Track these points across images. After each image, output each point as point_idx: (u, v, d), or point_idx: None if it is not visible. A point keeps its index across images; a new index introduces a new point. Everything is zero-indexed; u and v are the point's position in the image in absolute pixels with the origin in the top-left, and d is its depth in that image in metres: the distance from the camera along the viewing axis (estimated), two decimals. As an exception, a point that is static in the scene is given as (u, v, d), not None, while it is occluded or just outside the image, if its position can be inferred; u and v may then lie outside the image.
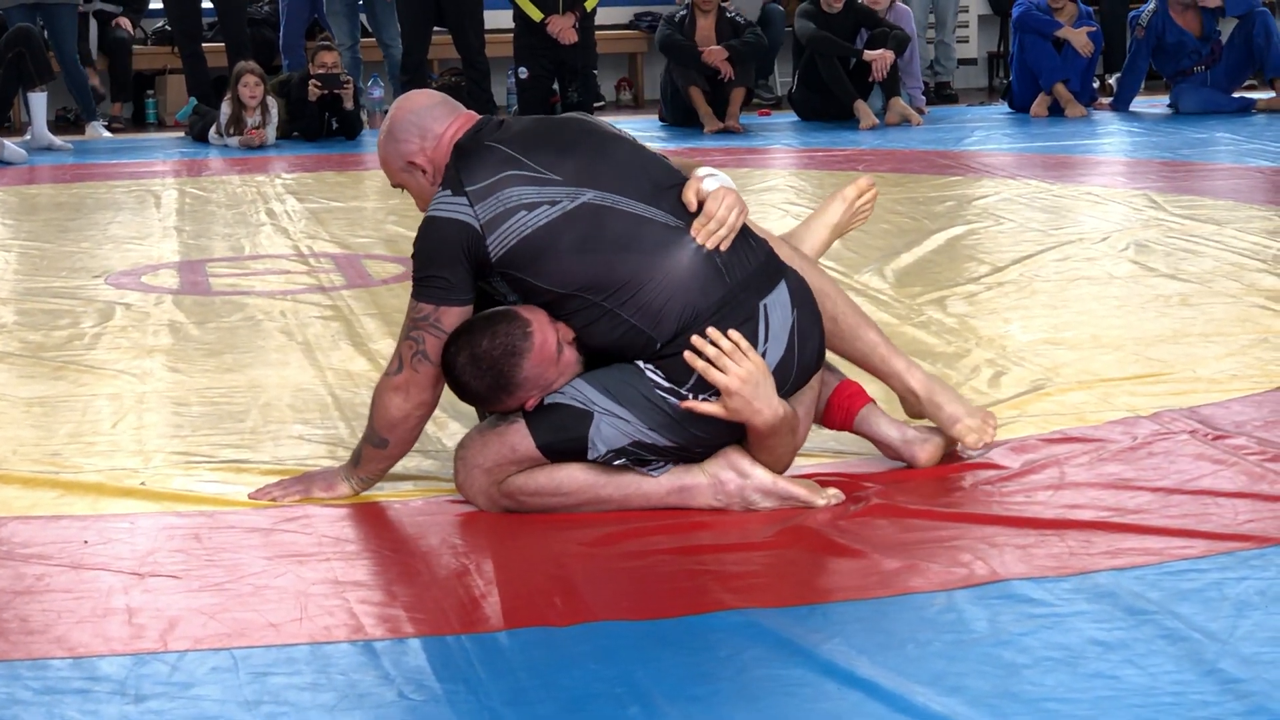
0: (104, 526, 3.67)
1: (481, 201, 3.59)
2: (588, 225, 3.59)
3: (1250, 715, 2.57)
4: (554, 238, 3.57)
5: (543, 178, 3.62)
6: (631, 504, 3.64)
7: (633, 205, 3.63)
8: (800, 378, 3.73)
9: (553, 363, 3.60)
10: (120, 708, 2.73)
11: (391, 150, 3.80)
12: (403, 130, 3.78)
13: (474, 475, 3.66)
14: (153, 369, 5.19)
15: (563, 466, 3.63)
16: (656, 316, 3.58)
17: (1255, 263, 6.40)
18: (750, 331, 3.61)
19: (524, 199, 3.59)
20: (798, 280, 3.74)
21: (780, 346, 3.65)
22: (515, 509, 3.65)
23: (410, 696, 2.75)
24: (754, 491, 3.64)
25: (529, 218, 3.58)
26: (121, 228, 8.48)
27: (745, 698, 2.71)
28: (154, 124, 15.08)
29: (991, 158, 10.41)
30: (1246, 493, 3.65)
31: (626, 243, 3.59)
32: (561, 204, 3.59)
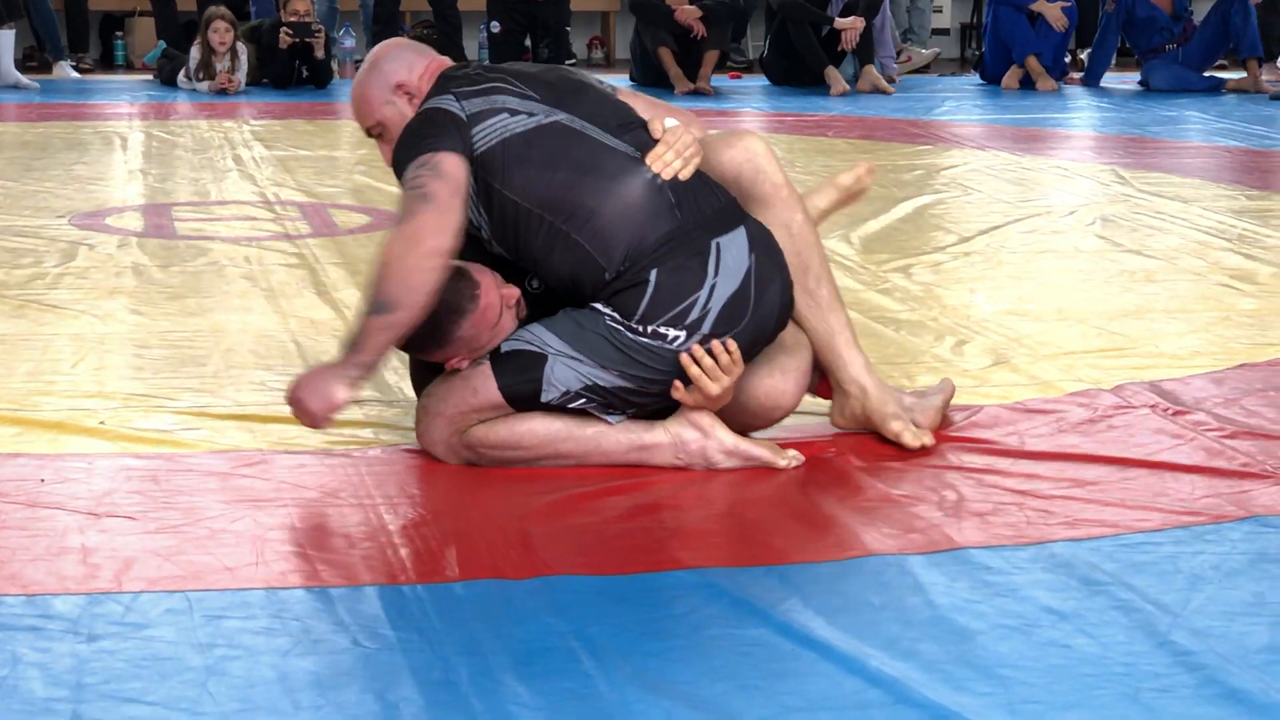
0: (61, 465, 3.65)
1: (469, 99, 3.65)
2: (558, 142, 3.63)
3: (1200, 687, 2.58)
4: (528, 147, 3.61)
5: (524, 93, 3.69)
6: (591, 460, 3.63)
7: (598, 133, 3.67)
8: (758, 325, 3.66)
9: (489, 327, 3.61)
10: (73, 646, 2.72)
11: (376, 79, 3.76)
12: (389, 60, 3.78)
13: (436, 424, 3.66)
14: (115, 310, 5.17)
15: (524, 419, 3.62)
16: (607, 244, 3.59)
17: (1220, 241, 6.41)
18: (699, 265, 3.59)
19: (508, 104, 3.66)
20: (760, 229, 3.71)
21: (731, 284, 3.61)
22: (475, 461, 3.65)
23: (364, 644, 2.75)
24: (716, 451, 3.63)
25: (510, 121, 3.63)
26: (87, 169, 8.44)
27: (699, 655, 2.72)
28: (122, 66, 15.00)
29: (962, 128, 10.41)
30: (1204, 468, 3.66)
31: (589, 166, 3.62)
32: (538, 117, 3.65)
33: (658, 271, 3.58)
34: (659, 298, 3.58)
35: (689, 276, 3.59)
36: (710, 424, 3.64)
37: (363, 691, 2.58)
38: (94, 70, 14.43)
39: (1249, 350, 4.73)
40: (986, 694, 2.56)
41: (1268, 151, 9.42)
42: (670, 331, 3.59)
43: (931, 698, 2.54)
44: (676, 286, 3.59)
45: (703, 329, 3.59)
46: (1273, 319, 5.14)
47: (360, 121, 3.83)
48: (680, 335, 3.59)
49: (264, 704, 2.52)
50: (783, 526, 3.34)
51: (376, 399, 4.17)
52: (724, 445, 3.64)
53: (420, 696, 2.55)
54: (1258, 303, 5.37)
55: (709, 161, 3.76)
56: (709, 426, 3.64)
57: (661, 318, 3.59)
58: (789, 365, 3.79)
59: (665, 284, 3.58)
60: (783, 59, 13.17)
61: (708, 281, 3.60)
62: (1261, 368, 4.52)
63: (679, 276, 3.59)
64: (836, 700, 2.55)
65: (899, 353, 4.69)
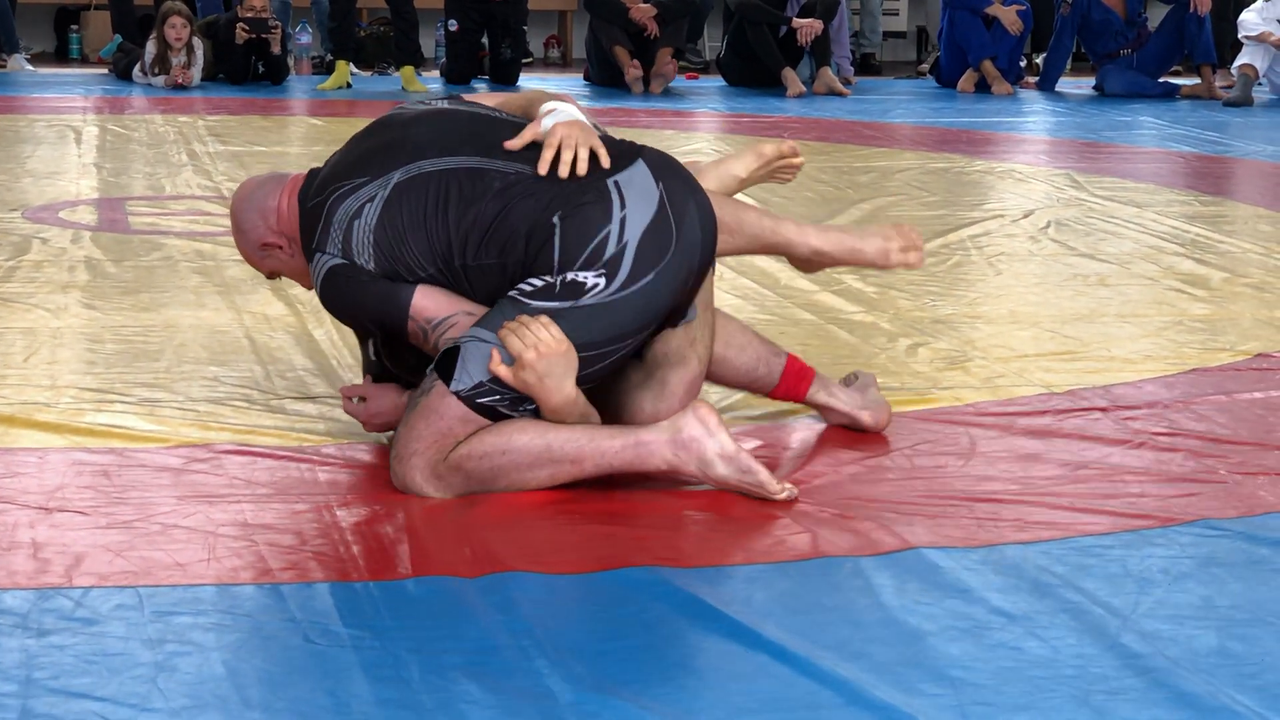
0: (12, 460, 3.64)
1: (330, 242, 3.55)
2: (403, 199, 3.52)
3: (1149, 690, 2.59)
4: (391, 225, 3.51)
5: (355, 185, 3.57)
6: (585, 458, 3.44)
7: (445, 162, 3.54)
8: (686, 255, 3.50)
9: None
10: (22, 641, 2.71)
11: (245, 243, 3.75)
12: (245, 220, 3.72)
13: (414, 464, 3.46)
14: (67, 305, 5.15)
15: (507, 424, 3.45)
16: (509, 244, 3.46)
17: (1173, 246, 6.44)
18: (599, 203, 3.47)
19: (350, 211, 3.54)
20: (658, 155, 3.59)
21: (645, 214, 3.48)
22: (470, 487, 3.45)
23: (315, 640, 2.74)
24: (714, 453, 3.43)
25: (360, 223, 3.52)
26: (40, 162, 8.41)
27: (651, 655, 2.72)
28: (77, 59, 14.94)
29: (917, 131, 10.44)
30: (1154, 471, 3.68)
31: (449, 201, 3.50)
32: (378, 195, 3.53)
33: (560, 213, 3.45)
34: (568, 241, 3.43)
35: (593, 213, 3.45)
36: (716, 424, 3.44)
37: (314, 688, 2.57)
38: (48, 63, 14.35)
39: (1200, 355, 4.75)
40: (937, 695, 2.57)
41: (1221, 157, 9.47)
42: (588, 278, 3.43)
43: (882, 699, 2.55)
44: (582, 225, 3.44)
45: (623, 268, 3.43)
46: (1224, 324, 5.17)
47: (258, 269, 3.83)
48: (600, 281, 3.43)
49: (214, 700, 2.52)
50: (734, 528, 3.34)
51: (331, 395, 4.17)
52: (725, 449, 3.42)
53: (371, 693, 2.55)
54: (1210, 308, 5.40)
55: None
56: (715, 426, 3.44)
57: (576, 261, 3.43)
58: (667, 388, 3.62)
59: (570, 226, 3.44)
60: (740, 60, 13.20)
61: (615, 214, 3.46)
62: (1213, 372, 4.55)
63: (584, 216, 3.45)
64: (787, 701, 2.55)
65: (852, 354, 4.70)
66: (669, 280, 3.49)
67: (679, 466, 3.44)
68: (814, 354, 4.47)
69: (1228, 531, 3.33)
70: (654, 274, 3.47)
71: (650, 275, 3.47)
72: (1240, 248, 6.46)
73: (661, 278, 3.48)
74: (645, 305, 3.48)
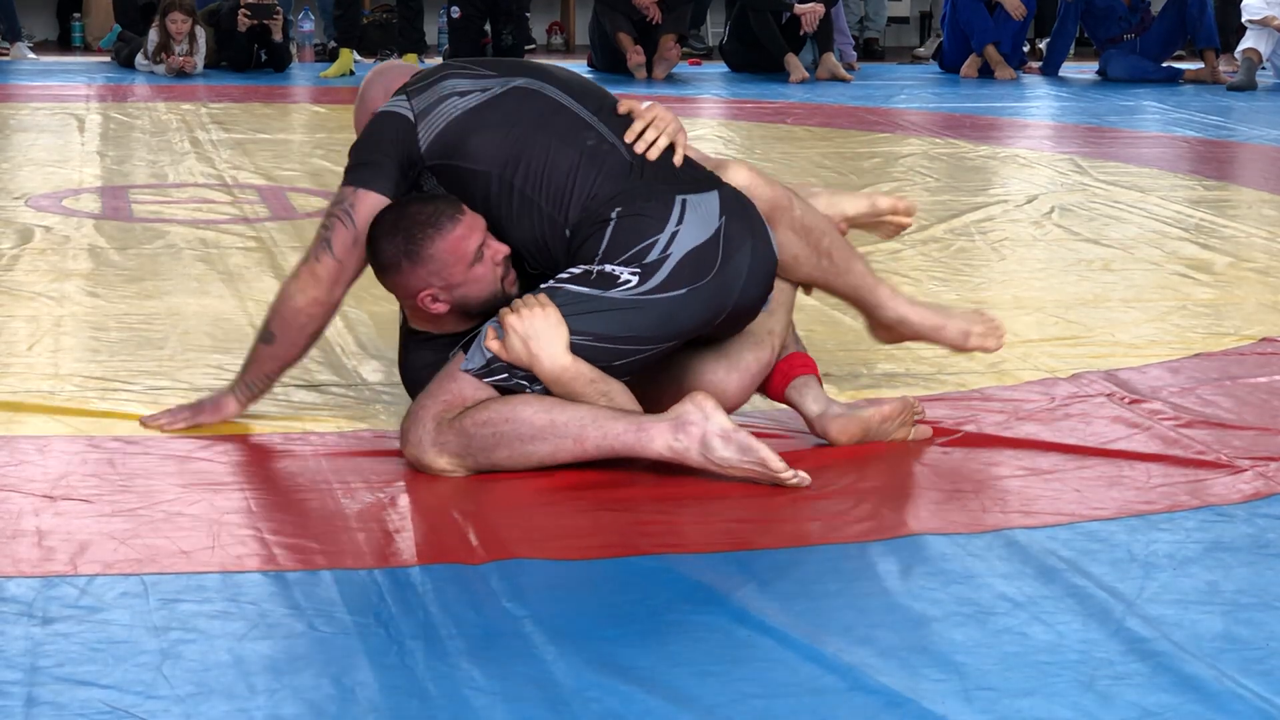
0: (16, 448, 3.64)
1: (419, 95, 3.69)
2: (512, 104, 3.67)
3: (1154, 675, 2.59)
4: (481, 115, 3.65)
5: (480, 74, 3.73)
6: (587, 438, 3.45)
7: (561, 96, 3.70)
8: (722, 286, 3.55)
9: (463, 261, 3.54)
10: (27, 629, 2.71)
11: (360, 111, 3.88)
12: (369, 89, 3.90)
13: (420, 421, 3.48)
14: (71, 293, 5.15)
15: (514, 398, 3.49)
16: (561, 198, 3.56)
17: (1177, 231, 6.44)
18: (659, 214, 3.53)
19: (458, 88, 3.69)
20: (735, 195, 3.64)
21: (697, 236, 3.53)
22: (471, 452, 3.46)
23: (320, 628, 2.74)
24: (715, 436, 3.41)
25: (460, 102, 3.66)
26: (43, 150, 8.40)
27: (656, 641, 2.72)
28: (79, 47, 14.93)
29: (920, 116, 10.43)
30: (1159, 456, 3.67)
31: (543, 122, 3.64)
32: (492, 89, 3.69)
33: (619, 211, 3.54)
34: (618, 237, 3.51)
35: (649, 221, 3.53)
36: (712, 407, 3.45)
37: (318, 675, 2.57)
38: (51, 51, 14.34)
39: (1205, 339, 4.75)
40: (941, 681, 2.57)
41: (1225, 142, 9.46)
42: (623, 273, 3.50)
43: (887, 684, 2.55)
44: (636, 226, 3.52)
45: (659, 274, 3.49)
46: (1229, 308, 5.16)
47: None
48: (632, 279, 3.49)
49: (219, 688, 2.52)
50: (739, 513, 3.34)
51: (335, 382, 4.17)
52: (723, 428, 3.41)
53: (376, 680, 2.55)
54: (1214, 292, 5.39)
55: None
56: (711, 410, 3.44)
57: (618, 257, 3.50)
58: (741, 361, 3.70)
59: (624, 224, 3.53)
60: (742, 46, 13.18)
61: (669, 227, 3.52)
62: (1217, 357, 4.54)
63: (639, 219, 3.53)
64: (792, 686, 2.55)
65: (857, 340, 4.69)
66: (698, 304, 3.54)
67: (681, 452, 3.44)
68: (819, 340, 4.46)
69: (1233, 516, 3.33)
70: (686, 290, 3.52)
71: (682, 290, 3.52)
72: (1244, 232, 6.45)
73: (692, 297, 3.52)
74: (668, 317, 3.52)
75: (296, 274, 3.71)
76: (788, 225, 3.75)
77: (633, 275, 3.50)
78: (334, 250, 3.65)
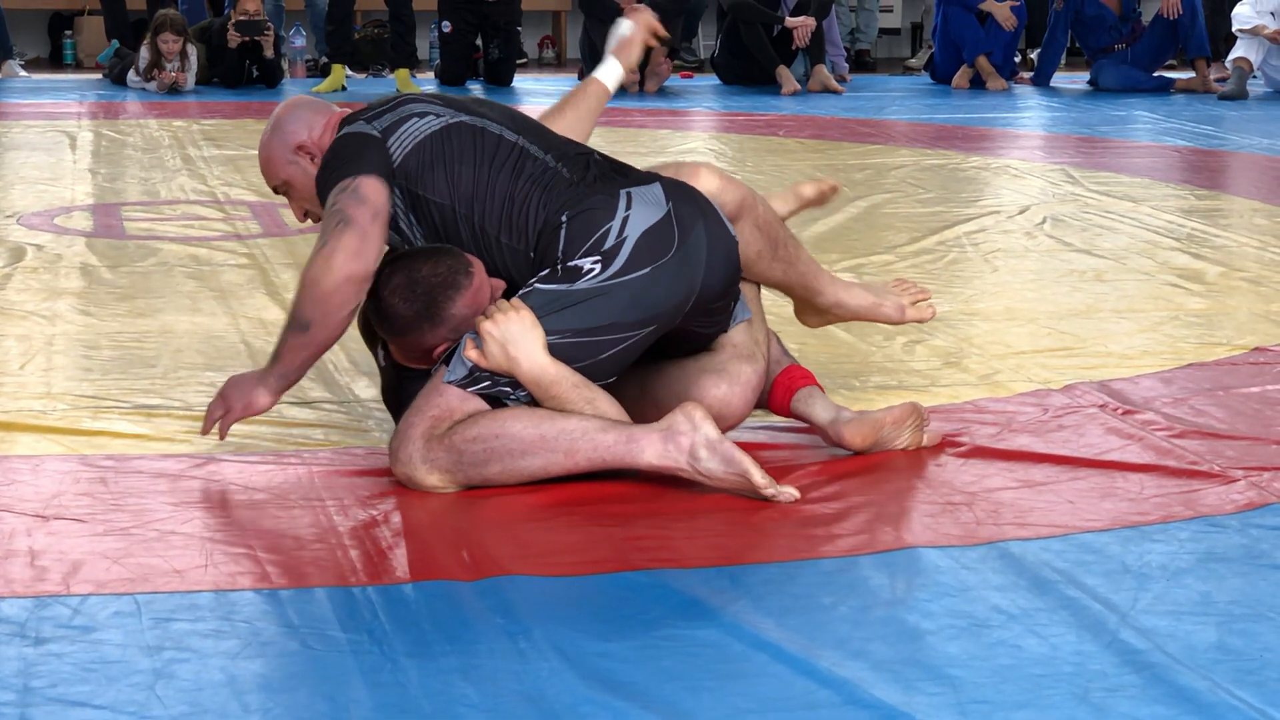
0: (9, 467, 3.63)
1: (378, 119, 3.71)
2: (460, 136, 3.69)
3: (1148, 687, 2.59)
4: (442, 144, 3.67)
5: (428, 106, 3.76)
6: (578, 451, 3.46)
7: (497, 128, 3.73)
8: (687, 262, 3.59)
9: (480, 310, 3.58)
10: (19, 649, 2.70)
11: (278, 140, 3.81)
12: (289, 120, 3.81)
13: (410, 439, 3.49)
14: (63, 311, 5.15)
15: (503, 412, 3.51)
16: (523, 231, 3.61)
17: (1169, 241, 6.44)
18: (606, 205, 3.60)
19: (414, 110, 3.72)
20: (676, 184, 3.71)
21: (648, 217, 3.58)
22: (463, 468, 3.46)
23: (313, 646, 2.74)
24: (702, 446, 3.42)
25: (419, 124, 3.69)
26: (35, 168, 8.40)
27: (650, 657, 2.71)
28: (71, 65, 14.94)
29: (912, 128, 10.44)
30: (1152, 467, 3.67)
31: (490, 159, 3.67)
32: (444, 118, 3.72)
33: (568, 214, 3.59)
34: (572, 234, 3.57)
35: (599, 213, 3.60)
36: (701, 418, 3.46)
37: (312, 694, 2.57)
38: (42, 69, 14.34)
39: (1197, 350, 4.75)
40: (936, 694, 2.57)
41: (1216, 151, 9.47)
42: (585, 263, 3.55)
43: (881, 698, 2.54)
44: (588, 220, 3.58)
45: (619, 258, 3.54)
46: (1221, 319, 5.17)
47: (267, 180, 3.88)
48: (595, 268, 3.54)
49: (213, 707, 2.51)
50: (733, 528, 3.34)
51: (328, 399, 4.16)
52: (710, 439, 3.43)
53: (370, 698, 2.54)
54: (1206, 302, 5.40)
55: None
56: (700, 420, 3.46)
57: (577, 253, 3.56)
58: (740, 375, 3.72)
59: (576, 222, 3.58)
60: (734, 58, 13.20)
61: (619, 214, 3.59)
62: (1210, 367, 4.54)
63: (589, 213, 3.59)
64: (787, 701, 2.55)
65: (850, 353, 4.70)
66: (666, 282, 3.57)
67: (670, 463, 3.46)
68: (811, 353, 4.47)
69: (1226, 527, 3.33)
70: (650, 269, 3.55)
71: (646, 269, 3.55)
72: (1236, 241, 6.45)
73: (659, 274, 3.56)
74: (638, 298, 3.55)
75: (321, 255, 3.58)
76: (753, 223, 3.84)
77: (595, 264, 3.55)
78: (355, 225, 3.56)
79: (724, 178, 3.84)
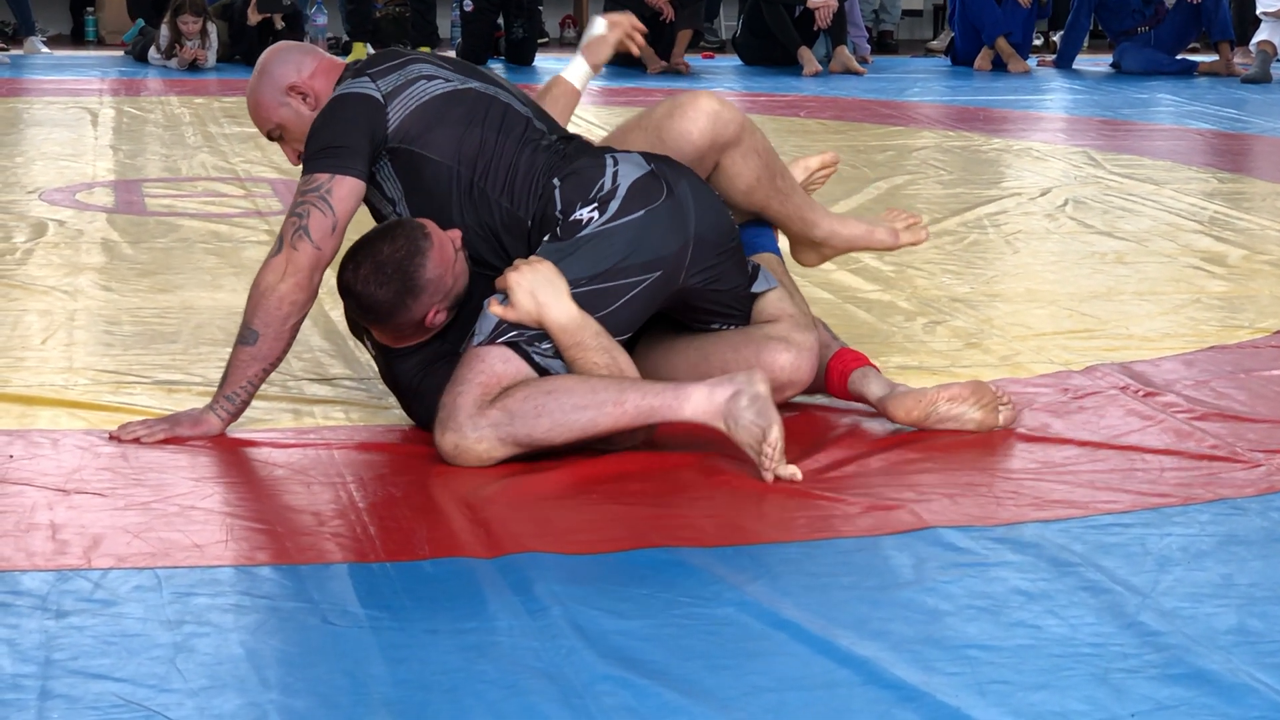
0: (30, 442, 3.64)
1: (384, 77, 3.73)
2: (473, 102, 3.74)
3: (1168, 668, 2.59)
4: (447, 106, 3.71)
5: (442, 65, 3.81)
6: (626, 399, 3.47)
7: (507, 98, 3.80)
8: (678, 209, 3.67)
9: (450, 266, 3.61)
10: (41, 622, 2.71)
11: (266, 83, 3.80)
12: (277, 63, 3.81)
13: (458, 407, 3.47)
14: (84, 287, 5.15)
15: (552, 375, 3.53)
16: (525, 196, 3.68)
17: (1191, 224, 6.43)
18: (595, 164, 3.69)
19: (423, 72, 3.76)
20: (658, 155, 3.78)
21: (633, 172, 3.68)
22: (513, 426, 3.46)
23: (333, 621, 2.74)
24: (746, 395, 3.45)
25: (428, 86, 3.73)
26: (57, 145, 8.41)
27: (669, 635, 2.71)
28: (93, 41, 14.95)
29: (933, 109, 10.42)
30: (1173, 449, 3.67)
31: (500, 124, 3.73)
32: (454, 82, 3.76)
33: (558, 177, 3.68)
34: (567, 193, 3.66)
35: (589, 171, 3.70)
36: (760, 379, 3.47)
37: (331, 669, 2.57)
38: (64, 46, 14.35)
39: (1219, 332, 4.74)
40: (955, 674, 2.56)
41: (1239, 134, 9.45)
42: (583, 214, 3.63)
43: (900, 677, 2.54)
44: (580, 178, 3.68)
45: (614, 203, 3.63)
46: (1243, 301, 5.16)
47: (259, 127, 3.87)
48: (594, 215, 3.62)
49: (232, 681, 2.52)
50: (753, 507, 3.34)
51: (348, 376, 4.17)
52: (759, 393, 3.45)
53: (389, 674, 2.55)
54: (1228, 285, 5.38)
55: (673, 142, 3.83)
56: (758, 379, 3.47)
57: (574, 207, 3.64)
58: (802, 343, 3.78)
59: (569, 181, 3.68)
60: (756, 39, 13.18)
61: (608, 168, 3.69)
62: (1231, 350, 4.53)
63: (580, 173, 3.69)
64: (806, 680, 2.55)
65: (870, 333, 4.69)
66: (661, 225, 3.65)
67: (710, 410, 3.48)
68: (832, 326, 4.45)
69: (1247, 509, 3.32)
70: (644, 212, 3.65)
71: (640, 212, 3.65)
72: (1259, 224, 6.44)
73: (655, 217, 3.65)
74: (637, 240, 3.63)
75: (270, 265, 3.63)
76: (751, 147, 3.95)
77: (592, 212, 3.65)
78: (312, 238, 3.61)
79: (722, 101, 3.93)
